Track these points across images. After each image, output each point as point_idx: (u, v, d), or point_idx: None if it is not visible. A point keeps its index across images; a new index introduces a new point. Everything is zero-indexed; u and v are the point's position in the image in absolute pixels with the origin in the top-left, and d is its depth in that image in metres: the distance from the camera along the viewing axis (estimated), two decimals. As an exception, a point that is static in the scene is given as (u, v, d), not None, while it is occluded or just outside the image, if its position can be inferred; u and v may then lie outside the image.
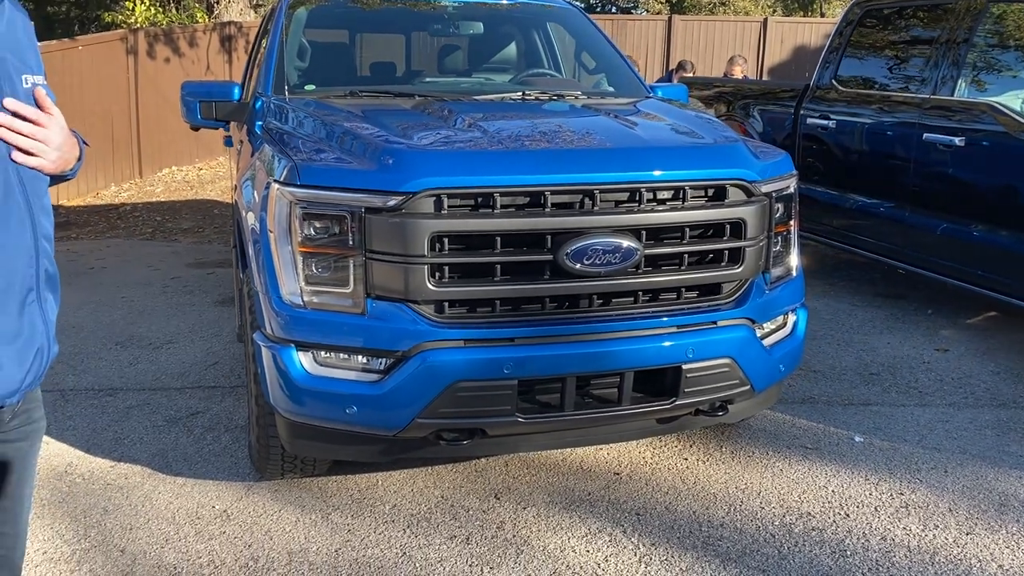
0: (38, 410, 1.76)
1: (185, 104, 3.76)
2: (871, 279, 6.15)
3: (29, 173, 1.58)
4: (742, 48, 15.59)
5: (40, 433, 1.78)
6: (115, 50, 10.81)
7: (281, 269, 2.71)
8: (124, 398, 4.02)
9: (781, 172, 3.08)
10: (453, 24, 4.59)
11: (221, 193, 10.13)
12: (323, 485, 3.20)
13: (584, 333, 2.71)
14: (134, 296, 5.79)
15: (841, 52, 5.82)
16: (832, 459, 3.47)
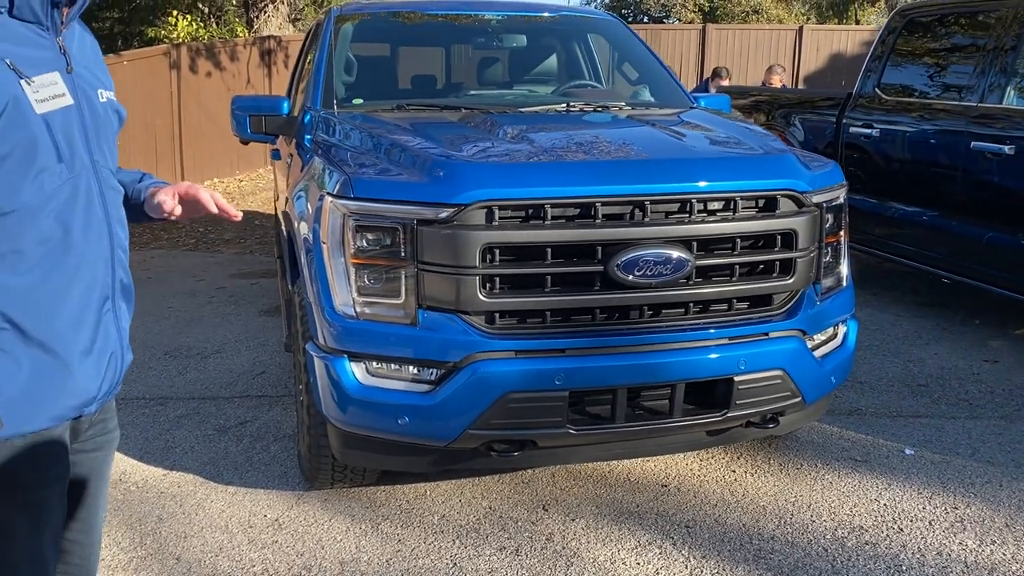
0: (112, 420, 1.80)
1: (235, 118, 3.82)
2: (915, 288, 6.08)
3: (108, 183, 1.63)
4: (777, 56, 15.48)
5: (114, 444, 1.82)
6: (159, 64, 11.03)
7: (334, 280, 2.75)
8: (174, 407, 4.08)
9: (831, 182, 3.06)
10: (496, 37, 4.62)
11: (262, 204, 10.26)
12: (372, 495, 3.23)
13: (635, 344, 2.71)
14: (181, 306, 5.89)
15: (884, 60, 5.77)
16: (883, 472, 3.42)
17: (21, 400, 1.46)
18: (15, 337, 1.46)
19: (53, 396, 1.51)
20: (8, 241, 1.43)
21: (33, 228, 1.45)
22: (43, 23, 1.50)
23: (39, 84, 1.46)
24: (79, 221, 1.53)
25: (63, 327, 1.51)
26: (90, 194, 1.56)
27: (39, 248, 1.47)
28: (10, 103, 1.39)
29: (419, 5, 4.69)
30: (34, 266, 1.46)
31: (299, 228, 3.14)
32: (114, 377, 1.65)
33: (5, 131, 1.39)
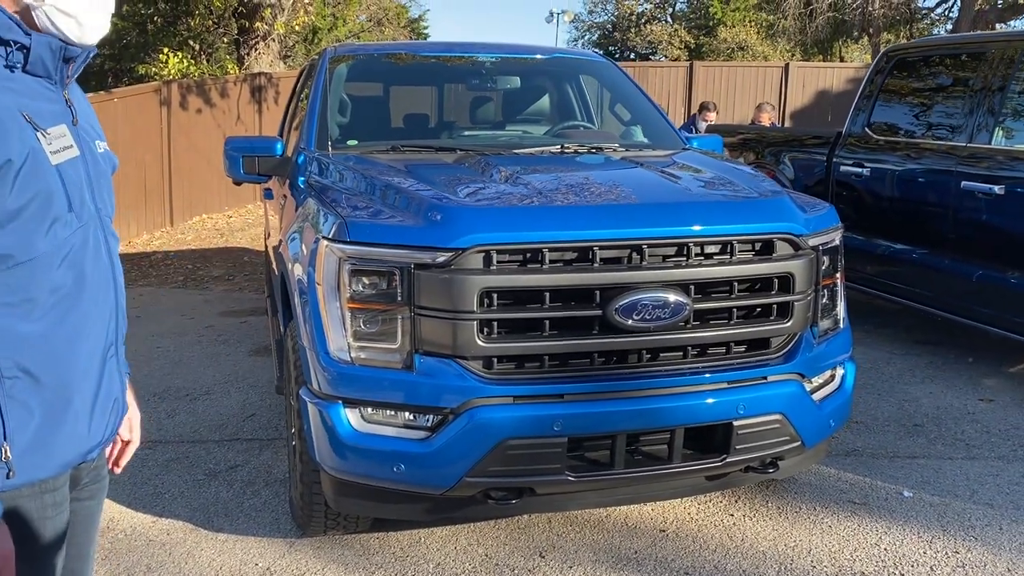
0: (104, 467, 1.79)
1: (228, 159, 3.81)
2: (907, 326, 6.08)
3: (110, 231, 1.65)
4: (764, 93, 15.68)
5: (105, 490, 1.80)
6: (149, 101, 11.04)
7: (329, 324, 2.72)
8: (163, 451, 4.02)
9: (827, 225, 3.07)
10: (490, 79, 4.65)
11: (251, 241, 10.23)
12: (365, 542, 3.17)
13: (634, 389, 2.69)
14: (169, 346, 5.82)
15: (873, 100, 5.83)
16: (882, 515, 3.39)
17: (32, 448, 1.45)
18: (28, 385, 1.45)
19: (62, 443, 1.51)
20: (22, 290, 1.43)
21: (46, 277, 1.46)
22: (52, 77, 1.53)
23: (52, 136, 1.48)
24: (88, 269, 1.54)
25: (73, 374, 1.52)
26: (97, 242, 1.57)
27: (51, 296, 1.47)
28: (30, 155, 1.41)
29: (412, 46, 4.72)
30: (46, 314, 1.47)
31: (293, 270, 3.12)
32: (115, 423, 1.66)
33: (25, 183, 1.40)
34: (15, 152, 1.38)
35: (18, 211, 1.39)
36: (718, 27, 29.68)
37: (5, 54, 1.43)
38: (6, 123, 1.38)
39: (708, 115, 9.98)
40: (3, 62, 1.43)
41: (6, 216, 1.38)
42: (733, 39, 28.58)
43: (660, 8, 34.07)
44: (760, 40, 28.14)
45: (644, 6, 33.90)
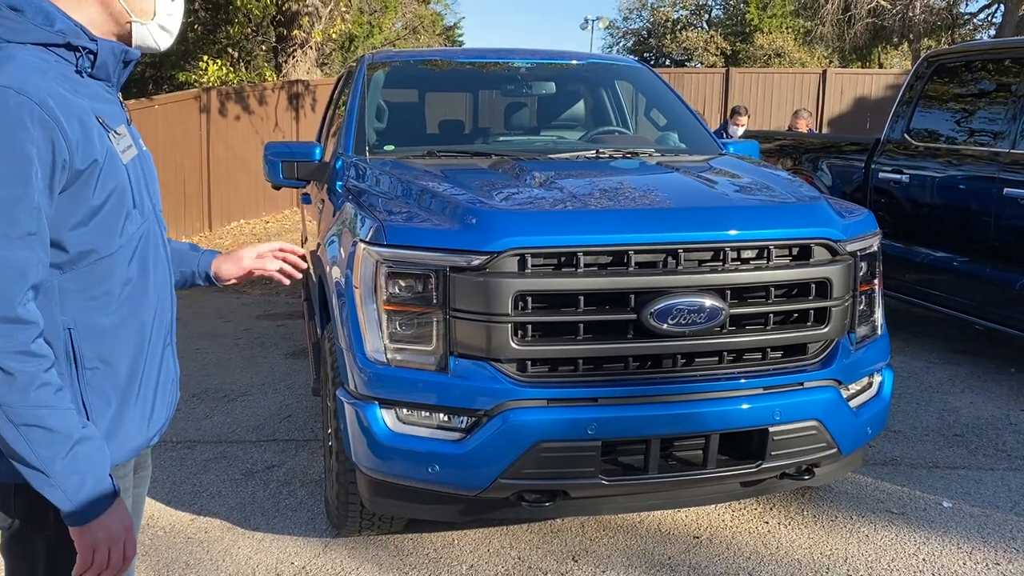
0: (149, 455, 1.86)
1: (268, 164, 3.87)
2: (947, 335, 5.99)
3: (163, 224, 1.72)
4: (801, 99, 15.55)
5: (149, 479, 1.88)
6: (189, 108, 11.23)
7: (366, 326, 2.75)
8: (202, 451, 4.08)
9: (865, 230, 3.04)
10: (525, 84, 4.67)
11: (287, 246, 10.34)
12: (400, 543, 3.19)
13: (669, 394, 2.68)
14: (208, 348, 5.91)
15: (913, 106, 5.76)
16: (920, 525, 3.35)
17: (109, 435, 1.52)
18: (106, 375, 1.53)
19: (135, 429, 1.59)
20: (101, 283, 1.51)
21: (120, 270, 1.53)
22: (111, 80, 1.60)
23: (118, 134, 1.56)
24: (151, 261, 1.62)
25: (143, 362, 1.60)
26: (155, 236, 1.65)
27: (124, 288, 1.55)
28: (107, 154, 1.48)
29: (449, 53, 4.76)
30: (121, 305, 1.54)
31: (331, 273, 3.16)
32: (172, 407, 1.75)
33: (105, 180, 1.47)
34: (98, 152, 1.45)
35: (100, 207, 1.47)
36: (754, 33, 29.47)
37: (75, 60, 1.50)
38: (88, 125, 1.45)
39: (740, 119, 9.85)
40: (73, 67, 1.50)
41: (90, 212, 1.45)
42: (770, 45, 28.35)
43: (696, 15, 33.91)
44: (797, 46, 27.89)
45: (680, 12, 33.77)
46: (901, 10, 20.46)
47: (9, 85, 1.35)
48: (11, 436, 1.36)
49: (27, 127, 1.35)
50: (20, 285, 1.35)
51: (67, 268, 1.45)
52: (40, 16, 1.46)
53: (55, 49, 1.48)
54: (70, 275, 1.46)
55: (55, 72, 1.45)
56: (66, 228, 1.43)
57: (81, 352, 1.48)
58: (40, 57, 1.45)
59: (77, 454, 1.40)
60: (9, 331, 1.34)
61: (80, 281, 1.48)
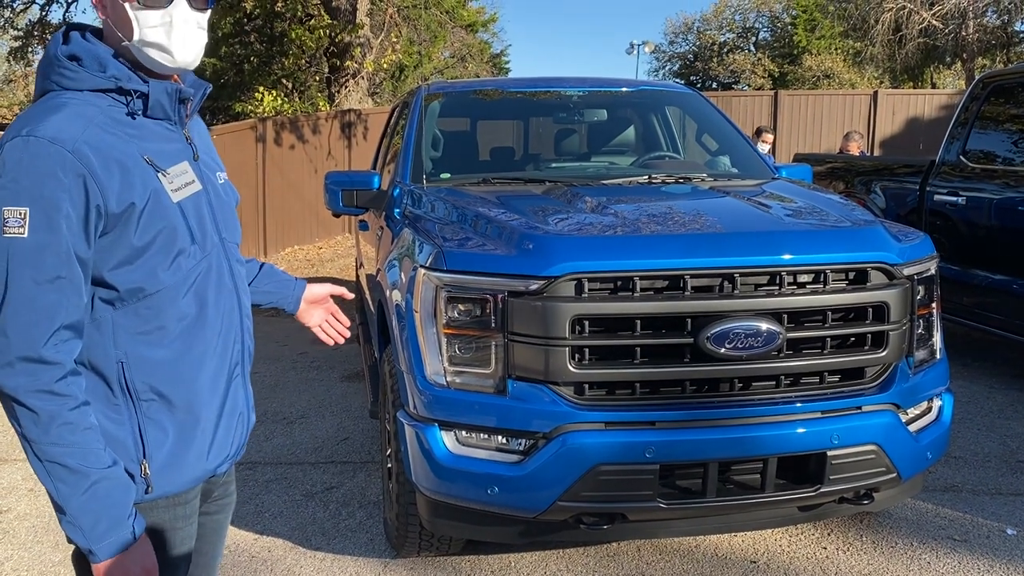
0: (233, 483, 1.91)
1: (329, 192, 3.98)
2: (1007, 359, 5.87)
3: (236, 257, 1.75)
4: (852, 121, 15.38)
5: (233, 506, 1.91)
6: (245, 137, 11.55)
7: (426, 349, 2.82)
8: (263, 472, 4.18)
9: (922, 254, 3.03)
10: (577, 111, 4.74)
11: (341, 271, 10.54)
12: (457, 564, 3.24)
13: (726, 418, 2.69)
14: (265, 371, 6.05)
15: (968, 127, 5.70)
16: (984, 553, 3.29)
17: (167, 465, 1.58)
18: (162, 407, 1.58)
19: (194, 460, 1.62)
20: (154, 319, 1.56)
21: (174, 305, 1.58)
22: (172, 118, 1.64)
23: (173, 175, 1.59)
24: (212, 296, 1.65)
25: (201, 395, 1.63)
26: (221, 270, 1.68)
27: (180, 323, 1.59)
28: (151, 196, 1.53)
29: (501, 83, 4.85)
30: (175, 339, 1.59)
31: (391, 298, 3.24)
32: (241, 439, 1.76)
33: (148, 222, 1.52)
34: (138, 196, 1.50)
35: (144, 248, 1.52)
36: (803, 55, 29.29)
37: (126, 102, 1.56)
38: (130, 169, 1.50)
39: (766, 137, 9.67)
40: (125, 110, 1.56)
41: (134, 253, 1.51)
42: (818, 67, 28.15)
43: (743, 37, 33.83)
44: (847, 67, 27.64)
45: (726, 36, 33.73)
46: (954, 29, 20.19)
47: (44, 136, 1.43)
48: (39, 470, 1.45)
49: (58, 176, 1.42)
50: (46, 327, 1.42)
51: (118, 304, 1.52)
52: (95, 63, 1.53)
53: (109, 93, 1.54)
54: (122, 311, 1.52)
55: (104, 117, 1.51)
56: (107, 268, 1.49)
57: (135, 385, 1.54)
58: (92, 103, 1.51)
59: (95, 493, 1.45)
60: (33, 370, 1.41)
61: (132, 317, 1.53)
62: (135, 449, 1.55)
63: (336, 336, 2.23)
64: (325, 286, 2.18)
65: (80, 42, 1.56)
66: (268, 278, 2.08)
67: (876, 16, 20.71)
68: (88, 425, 1.46)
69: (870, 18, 21.05)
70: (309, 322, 2.19)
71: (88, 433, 1.45)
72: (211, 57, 15.68)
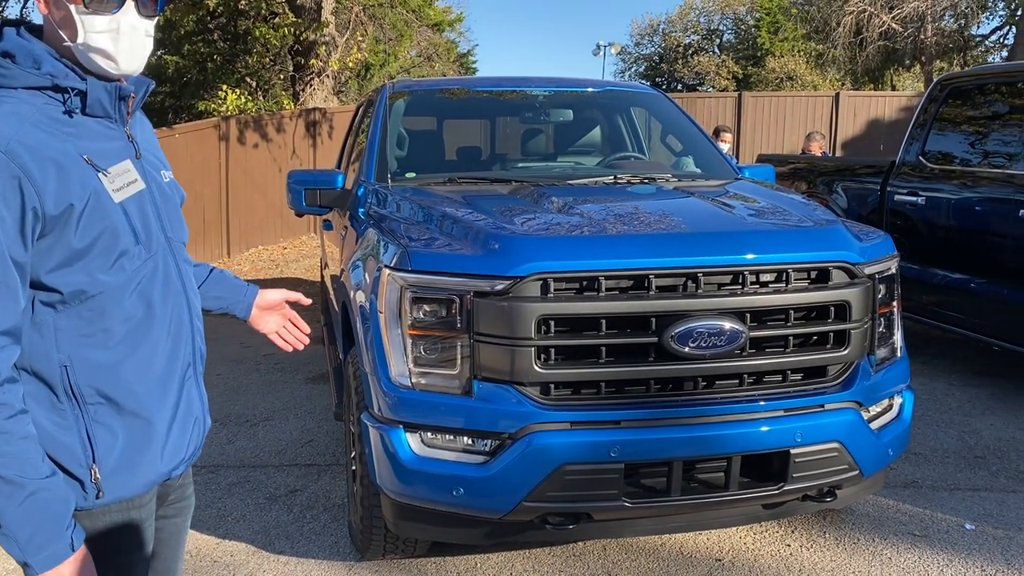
0: (191, 486, 1.87)
1: (291, 191, 3.94)
2: (965, 357, 5.98)
3: (183, 256, 1.72)
4: (814, 123, 15.58)
5: (191, 509, 1.88)
6: (208, 136, 11.40)
7: (390, 350, 2.79)
8: (226, 475, 4.12)
9: (883, 253, 3.07)
10: (543, 112, 4.74)
11: (306, 271, 10.44)
12: (423, 566, 3.22)
13: (690, 416, 2.70)
14: (228, 373, 5.98)
15: (927, 129, 5.80)
16: (943, 547, 3.34)
17: (118, 469, 1.54)
18: (110, 410, 1.54)
19: (146, 463, 1.59)
20: (97, 321, 1.52)
21: (118, 307, 1.54)
22: (112, 116, 1.59)
23: (114, 174, 1.55)
24: (159, 296, 1.61)
25: (151, 397, 1.59)
26: (168, 270, 1.64)
27: (125, 325, 1.55)
28: (91, 197, 1.48)
29: (467, 82, 4.84)
30: (121, 341, 1.55)
31: (355, 298, 3.21)
32: (197, 441, 1.73)
33: (89, 223, 1.47)
34: (76, 197, 1.45)
35: (85, 250, 1.47)
36: (766, 57, 29.62)
37: (63, 100, 1.51)
38: (68, 169, 1.45)
39: (725, 136, 9.75)
40: (62, 108, 1.51)
41: (74, 255, 1.47)
42: (781, 69, 28.48)
43: (707, 39, 34.13)
44: (809, 69, 27.99)
45: (691, 38, 34.00)
46: (913, 32, 20.54)
47: None
48: None
49: None
50: None
51: (60, 307, 1.48)
52: (29, 60, 1.48)
53: (45, 91, 1.49)
54: (64, 314, 1.48)
55: (39, 115, 1.46)
56: (46, 270, 1.45)
57: (80, 388, 1.50)
58: (28, 101, 1.47)
59: (32, 505, 1.40)
60: None
61: (75, 319, 1.49)
62: (83, 454, 1.51)
63: (295, 342, 2.19)
64: (280, 291, 2.15)
65: (14, 39, 1.51)
66: (218, 283, 2.03)
67: (837, 19, 21.00)
68: (25, 435, 1.41)
69: (832, 21, 21.34)
70: (264, 328, 2.14)
71: (25, 443, 1.40)
72: (174, 55, 15.45)
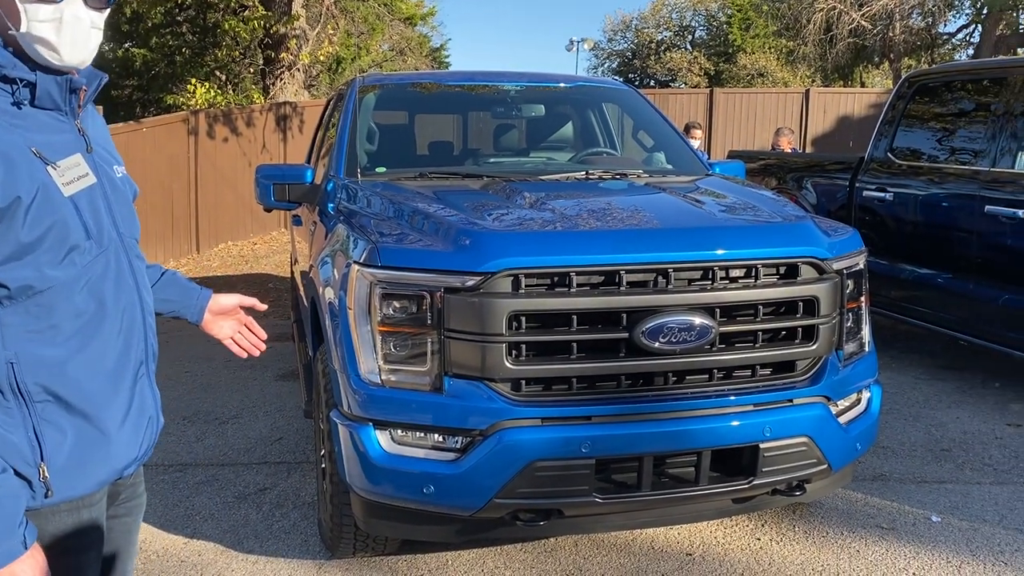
0: (142, 484, 1.84)
1: (260, 187, 3.89)
2: (932, 351, 6.06)
3: (135, 252, 1.68)
4: (785, 119, 15.71)
5: (143, 508, 1.86)
6: (177, 131, 11.25)
7: (360, 347, 2.77)
8: (194, 473, 4.07)
9: (851, 249, 3.09)
10: (515, 107, 4.72)
11: (276, 267, 10.35)
12: (393, 564, 3.20)
13: (661, 411, 2.71)
14: (197, 370, 5.90)
15: (895, 125, 5.85)
16: (910, 539, 3.38)
17: (67, 467, 1.51)
18: (58, 408, 1.50)
19: (97, 462, 1.56)
20: (45, 317, 1.48)
21: (68, 303, 1.50)
22: (62, 109, 1.56)
23: (64, 168, 1.51)
24: (111, 292, 1.58)
25: (101, 395, 1.56)
26: (120, 266, 1.61)
27: (75, 321, 1.52)
28: (39, 190, 1.45)
29: (438, 76, 4.81)
30: (70, 338, 1.51)
31: (324, 295, 3.18)
32: (149, 440, 1.70)
33: (37, 217, 1.44)
34: (24, 189, 1.41)
35: (33, 244, 1.44)
36: (737, 54, 29.81)
37: (11, 91, 1.47)
38: (15, 161, 1.42)
39: (696, 133, 9.79)
40: (10, 99, 1.47)
41: (21, 249, 1.43)
42: (752, 65, 28.68)
43: (680, 36, 34.27)
44: (780, 66, 28.21)
45: (664, 34, 34.13)
46: (882, 30, 20.77)
47: None
48: None
49: None
50: None
51: (6, 303, 1.44)
52: None
53: None
54: (10, 309, 1.45)
55: None
56: None
57: (27, 386, 1.46)
58: None
59: None
60: None
61: (22, 315, 1.46)
62: (31, 452, 1.47)
63: (250, 348, 2.15)
64: (234, 296, 2.10)
65: None
66: (170, 285, 1.99)
67: (808, 16, 21.17)
68: None
69: (802, 18, 21.50)
70: (218, 334, 2.10)
71: None
72: (142, 47, 15.24)
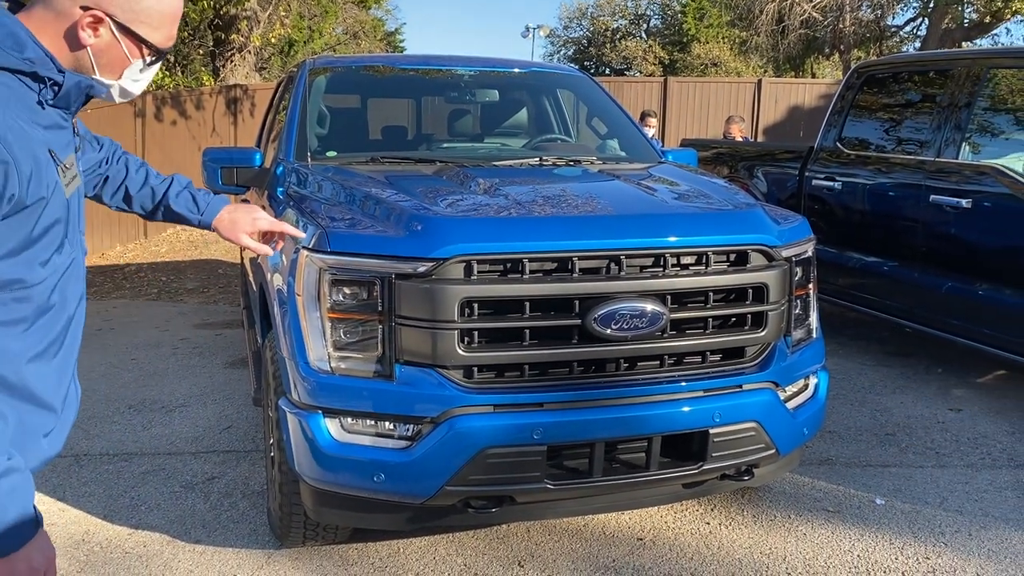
0: None
1: (207, 170, 3.81)
2: (879, 338, 6.19)
3: (84, 246, 1.68)
4: (737, 108, 15.87)
5: None
6: (123, 112, 10.97)
7: (309, 334, 2.73)
8: (139, 463, 3.99)
9: (800, 236, 3.13)
10: (469, 92, 4.68)
11: (225, 252, 10.17)
12: (344, 553, 3.17)
13: (612, 398, 2.72)
14: (144, 358, 5.78)
15: (844, 115, 5.94)
16: (855, 522, 3.45)
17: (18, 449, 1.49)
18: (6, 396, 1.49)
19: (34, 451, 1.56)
20: (20, 311, 1.48)
21: (40, 299, 1.51)
22: (71, 108, 1.57)
23: (66, 168, 1.53)
24: (71, 290, 1.60)
25: (54, 383, 1.58)
26: (77, 262, 1.62)
27: (42, 316, 1.52)
28: (54, 190, 1.47)
29: (391, 59, 4.75)
30: (33, 332, 1.51)
31: (272, 281, 3.12)
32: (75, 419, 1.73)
33: (47, 212, 1.46)
34: (46, 189, 1.43)
35: (36, 239, 1.45)
36: (692, 43, 30.04)
37: (38, 90, 1.47)
38: (40, 161, 1.42)
39: (650, 121, 9.86)
40: (36, 97, 1.47)
41: (24, 244, 1.43)
42: (706, 55, 28.94)
43: (635, 24, 34.42)
44: (733, 56, 28.51)
45: (619, 22, 34.24)
46: (832, 22, 21.09)
47: None
48: None
49: None
50: None
51: None
52: (10, 40, 1.43)
53: (21, 76, 1.44)
54: None
55: (17, 103, 1.42)
56: None
57: None
58: (4, 83, 1.41)
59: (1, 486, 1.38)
60: None
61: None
62: None
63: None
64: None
65: None
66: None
67: (760, 7, 21.41)
68: None
69: (755, 8, 21.75)
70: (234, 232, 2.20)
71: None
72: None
